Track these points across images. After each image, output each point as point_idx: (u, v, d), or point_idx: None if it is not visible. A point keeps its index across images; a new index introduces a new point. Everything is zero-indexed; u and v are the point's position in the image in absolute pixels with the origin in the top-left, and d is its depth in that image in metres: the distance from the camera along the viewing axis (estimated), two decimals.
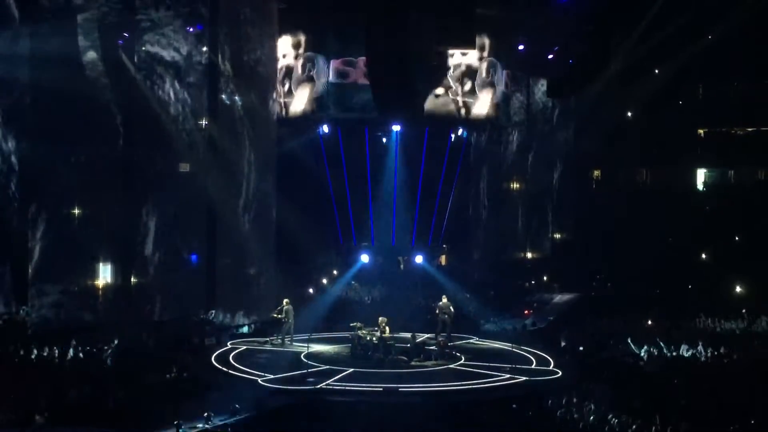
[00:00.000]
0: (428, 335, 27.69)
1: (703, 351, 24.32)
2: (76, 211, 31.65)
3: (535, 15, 30.21)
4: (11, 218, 29.16)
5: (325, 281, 32.88)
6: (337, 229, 29.86)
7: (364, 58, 25.99)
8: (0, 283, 28.00)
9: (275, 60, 29.74)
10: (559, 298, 33.91)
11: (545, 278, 39.36)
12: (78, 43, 29.23)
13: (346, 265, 34.26)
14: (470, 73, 27.61)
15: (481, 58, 27.75)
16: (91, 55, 27.90)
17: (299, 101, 29.29)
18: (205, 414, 17.36)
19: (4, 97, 27.96)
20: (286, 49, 29.20)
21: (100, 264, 33.01)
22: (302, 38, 28.87)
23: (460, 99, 27.47)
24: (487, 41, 27.84)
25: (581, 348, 26.55)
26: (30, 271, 29.06)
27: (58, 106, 29.14)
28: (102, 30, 28.93)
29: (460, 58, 27.29)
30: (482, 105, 28.05)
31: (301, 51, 28.70)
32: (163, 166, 32.69)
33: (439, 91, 26.79)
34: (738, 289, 36.39)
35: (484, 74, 27.83)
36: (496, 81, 28.24)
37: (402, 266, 36.10)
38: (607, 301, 33.32)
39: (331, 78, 27.54)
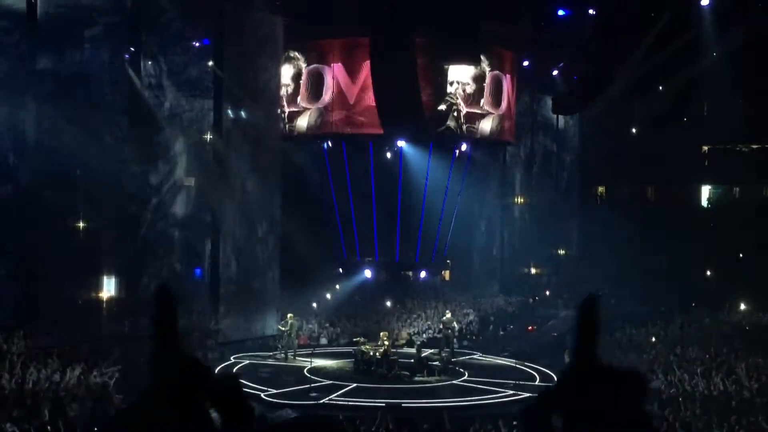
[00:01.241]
0: (432, 350, 27.65)
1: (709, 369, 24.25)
2: (81, 224, 31.73)
3: (540, 31, 30.29)
4: (15, 231, 29.26)
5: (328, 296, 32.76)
6: (341, 244, 29.86)
7: (369, 72, 26.03)
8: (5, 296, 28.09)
9: (280, 75, 29.87)
10: (563, 314, 33.81)
11: (548, 294, 39.30)
12: (83, 54, 29.36)
13: (350, 279, 34.30)
14: (474, 89, 27.64)
15: (485, 74, 27.80)
16: (95, 67, 27.99)
17: (304, 116, 29.39)
18: None
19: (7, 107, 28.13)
20: (290, 63, 29.31)
21: (104, 277, 33.04)
22: (307, 53, 28.97)
23: (464, 115, 27.50)
24: (491, 57, 27.90)
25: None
26: (33, 284, 29.15)
27: (61, 119, 29.31)
28: (108, 44, 29.06)
29: (464, 74, 27.33)
30: (486, 121, 28.10)
31: (305, 65, 28.79)
32: (167, 180, 32.77)
33: (443, 107, 26.82)
34: (742, 306, 36.29)
35: (488, 90, 27.86)
36: (501, 97, 28.28)
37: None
38: (611, 318, 33.18)
39: (335, 93, 27.59)
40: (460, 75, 27.20)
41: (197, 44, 31.98)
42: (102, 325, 28.86)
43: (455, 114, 27.24)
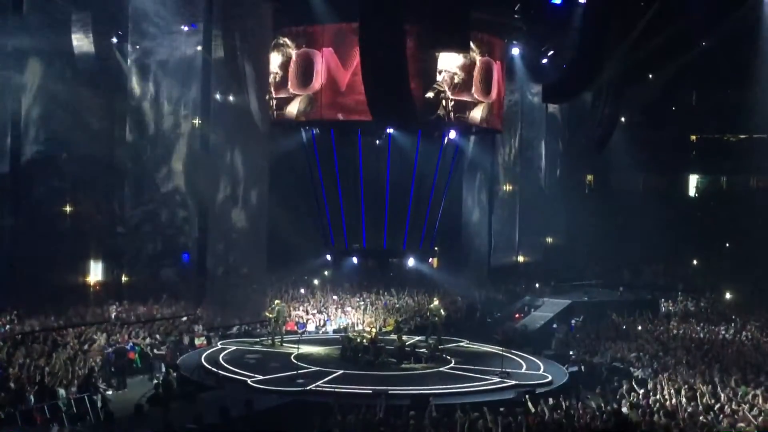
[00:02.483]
0: (419, 338, 27.70)
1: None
2: (68, 209, 31.62)
3: (531, 19, 30.21)
4: (2, 216, 29.16)
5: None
6: (329, 231, 29.79)
7: (358, 58, 25.93)
8: None
9: (269, 60, 29.72)
10: (550, 302, 33.91)
11: (537, 283, 39.39)
12: (72, 40, 29.17)
13: (338, 266, 34.34)
14: (463, 77, 27.56)
15: (474, 62, 27.73)
16: (84, 52, 27.81)
17: (293, 103, 29.23)
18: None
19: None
20: (279, 50, 29.16)
21: (91, 261, 32.97)
22: (297, 38, 28.82)
23: (453, 104, 27.43)
24: (481, 45, 27.83)
25: (571, 353, 26.62)
26: (21, 268, 29.05)
27: (49, 103, 29.19)
28: (96, 28, 28.87)
29: (452, 62, 27.25)
30: (476, 109, 28.05)
31: (295, 52, 28.65)
32: (154, 165, 32.64)
33: (431, 94, 26.73)
34: (728, 295, 36.52)
35: (477, 78, 27.78)
36: (491, 85, 28.21)
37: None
38: (599, 306, 33.38)
39: (325, 78, 27.46)
40: (448, 63, 27.10)
41: (186, 29, 31.79)
42: (89, 310, 28.77)
43: (444, 103, 27.15)
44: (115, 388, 22.46)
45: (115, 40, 31.35)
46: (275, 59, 28.03)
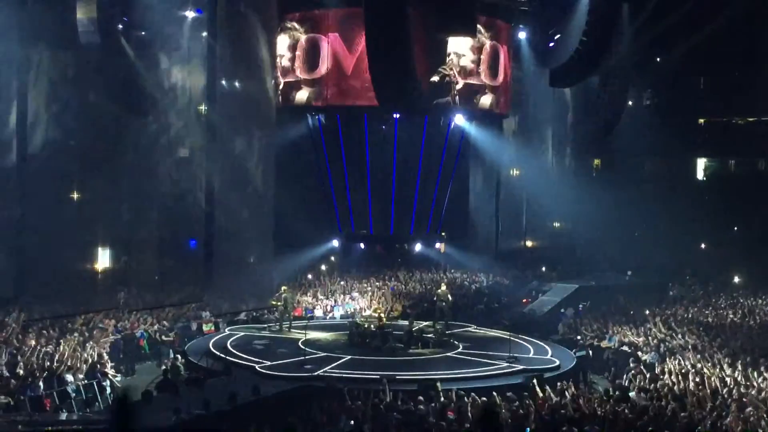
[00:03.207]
0: (426, 323, 27.69)
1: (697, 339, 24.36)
2: (75, 196, 31.64)
3: (538, 2, 30.04)
4: (11, 203, 29.20)
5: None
6: (336, 217, 29.74)
7: (364, 43, 25.82)
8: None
9: (275, 45, 29.64)
10: (557, 287, 33.89)
11: (544, 268, 39.36)
12: (77, 26, 29.10)
13: (345, 252, 34.32)
14: (472, 61, 27.44)
15: (483, 46, 27.60)
16: (89, 38, 27.73)
17: (301, 89, 29.17)
18: None
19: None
20: (287, 33, 29.10)
21: (99, 248, 33.01)
22: (303, 23, 28.74)
23: (459, 87, 27.31)
24: (488, 29, 27.69)
25: (579, 337, 26.60)
26: (30, 255, 29.13)
27: (55, 90, 29.15)
28: (101, 14, 28.76)
29: (462, 45, 27.12)
30: (484, 94, 27.94)
31: (301, 36, 28.57)
32: (161, 152, 32.65)
33: (438, 78, 26.60)
34: (736, 278, 36.43)
35: (485, 62, 27.66)
36: (498, 69, 28.09)
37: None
38: (606, 290, 33.32)
39: (331, 64, 27.36)
40: (457, 47, 26.96)
41: (191, 14, 31.71)
42: (97, 297, 28.85)
43: (451, 87, 27.02)
44: (124, 374, 22.54)
45: (120, 26, 31.29)
46: (283, 41, 27.85)
